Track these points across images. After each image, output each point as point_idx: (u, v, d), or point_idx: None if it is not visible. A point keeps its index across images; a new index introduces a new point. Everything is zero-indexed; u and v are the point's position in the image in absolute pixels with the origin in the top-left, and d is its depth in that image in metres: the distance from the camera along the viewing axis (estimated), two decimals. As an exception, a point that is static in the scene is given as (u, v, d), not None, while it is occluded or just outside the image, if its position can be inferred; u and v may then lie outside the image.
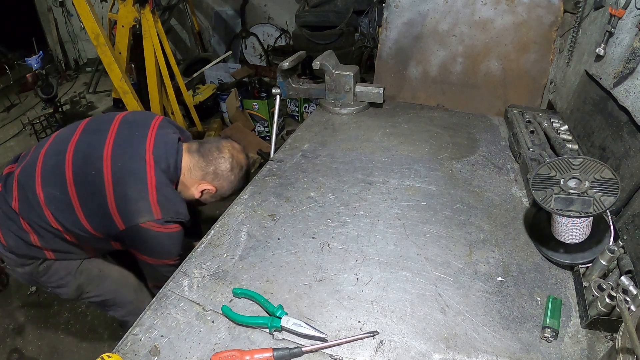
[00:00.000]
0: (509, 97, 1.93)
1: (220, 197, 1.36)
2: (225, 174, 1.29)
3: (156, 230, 1.15)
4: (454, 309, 0.92)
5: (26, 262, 1.27)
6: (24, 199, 1.17)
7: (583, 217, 0.93)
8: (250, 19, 5.23)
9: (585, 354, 0.82)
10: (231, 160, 1.29)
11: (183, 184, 1.28)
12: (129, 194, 1.14)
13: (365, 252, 1.09)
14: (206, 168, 1.27)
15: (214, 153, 1.28)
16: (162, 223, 1.15)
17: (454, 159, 1.51)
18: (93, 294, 1.43)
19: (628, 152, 1.11)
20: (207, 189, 1.29)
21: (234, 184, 1.32)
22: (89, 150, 1.18)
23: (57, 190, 1.15)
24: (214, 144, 1.30)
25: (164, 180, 1.18)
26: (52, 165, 1.18)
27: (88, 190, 1.14)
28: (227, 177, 1.30)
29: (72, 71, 5.89)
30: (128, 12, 2.89)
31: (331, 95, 1.94)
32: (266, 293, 0.96)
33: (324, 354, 0.83)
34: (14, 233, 1.20)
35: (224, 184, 1.31)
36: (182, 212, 1.21)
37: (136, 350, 0.84)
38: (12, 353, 1.99)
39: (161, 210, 1.15)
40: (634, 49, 1.12)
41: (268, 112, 3.81)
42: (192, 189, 1.29)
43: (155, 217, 1.14)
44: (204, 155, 1.27)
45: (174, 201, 1.20)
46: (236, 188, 1.34)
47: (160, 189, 1.17)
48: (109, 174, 1.14)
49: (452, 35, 1.96)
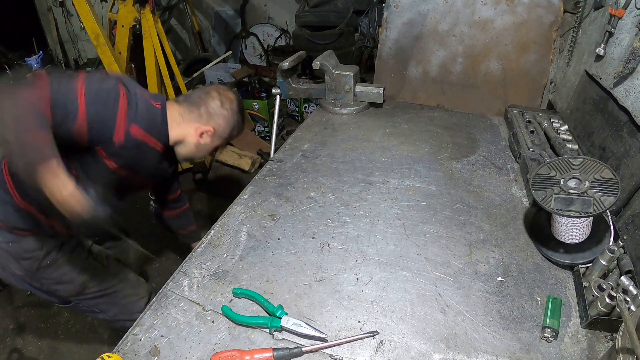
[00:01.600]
0: (509, 97, 1.93)
1: (222, 139, 1.34)
2: (218, 111, 1.28)
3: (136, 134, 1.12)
4: (454, 309, 0.92)
5: (23, 255, 1.24)
6: None
7: (583, 217, 0.93)
8: (250, 19, 5.22)
9: (585, 354, 0.82)
10: (219, 96, 1.29)
11: (179, 129, 1.25)
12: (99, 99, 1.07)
13: (365, 252, 1.09)
14: (197, 110, 1.27)
15: (201, 96, 1.29)
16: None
17: (454, 159, 1.51)
18: (95, 289, 1.42)
19: (628, 152, 1.11)
20: (204, 131, 1.27)
21: (229, 119, 1.31)
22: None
23: None
24: (199, 92, 1.32)
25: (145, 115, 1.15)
26: None
27: None
28: (220, 113, 1.29)
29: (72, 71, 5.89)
30: (128, 12, 2.88)
31: (331, 95, 1.94)
32: (266, 293, 0.96)
33: (324, 354, 0.83)
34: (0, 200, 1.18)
35: (220, 121, 1.29)
36: None
37: (136, 350, 0.84)
38: (12, 353, 1.99)
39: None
40: (634, 49, 1.12)
41: (268, 112, 3.81)
42: (189, 135, 1.27)
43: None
44: (192, 101, 1.28)
45: None
46: (234, 124, 1.33)
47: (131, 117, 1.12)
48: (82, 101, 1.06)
49: (452, 35, 1.96)
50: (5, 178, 1.18)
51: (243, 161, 3.41)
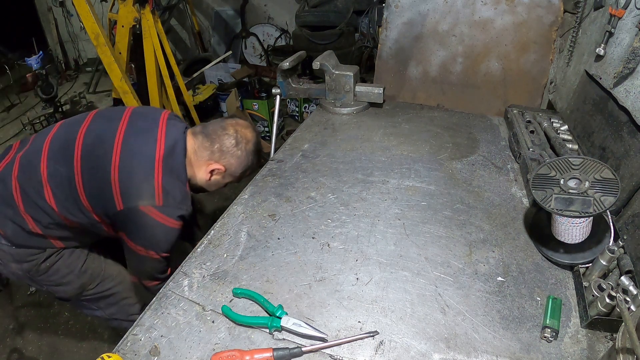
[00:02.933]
0: (509, 97, 1.93)
1: (234, 177, 1.34)
2: (232, 150, 1.27)
3: (154, 217, 1.13)
4: (454, 309, 0.92)
5: (25, 259, 1.25)
6: (25, 180, 1.17)
7: (583, 217, 0.93)
8: (250, 19, 5.22)
9: (585, 354, 0.82)
10: (235, 135, 1.27)
11: (192, 168, 1.27)
12: (134, 172, 1.13)
13: (365, 252, 1.09)
14: (211, 147, 1.25)
15: (217, 132, 1.27)
16: (161, 211, 1.13)
17: (454, 159, 1.51)
18: (93, 291, 1.42)
19: (628, 152, 1.11)
20: (215, 169, 1.27)
21: (242, 160, 1.30)
22: (101, 132, 1.19)
23: (62, 166, 1.16)
24: (217, 124, 1.29)
25: (172, 168, 1.18)
26: (60, 145, 1.19)
27: (93, 165, 1.14)
28: (234, 153, 1.27)
29: (72, 71, 5.89)
30: (128, 12, 2.89)
31: (331, 95, 1.94)
32: (266, 293, 0.96)
33: (324, 354, 0.83)
34: (10, 220, 1.19)
35: (232, 161, 1.28)
36: (184, 204, 1.19)
37: (136, 350, 0.84)
38: (12, 353, 1.99)
39: (164, 197, 1.14)
40: (634, 49, 1.12)
41: (268, 112, 3.81)
42: (201, 171, 1.28)
43: (156, 202, 1.12)
44: (208, 136, 1.26)
45: (179, 190, 1.18)
46: (247, 165, 1.32)
47: (167, 174, 1.15)
48: (118, 151, 1.14)
49: (452, 35, 1.96)
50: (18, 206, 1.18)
51: (243, 161, 3.40)
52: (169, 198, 1.15)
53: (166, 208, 1.14)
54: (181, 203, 1.19)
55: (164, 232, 1.17)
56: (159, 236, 1.18)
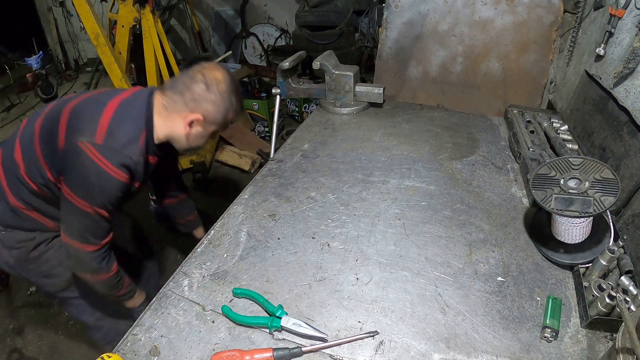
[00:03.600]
0: (509, 97, 1.93)
1: (217, 124, 1.22)
2: (204, 96, 1.15)
3: (90, 156, 1.03)
4: (454, 309, 0.92)
5: (14, 245, 1.24)
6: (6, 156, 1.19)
7: (583, 217, 0.93)
8: (250, 19, 5.22)
9: (585, 354, 0.82)
10: (204, 79, 1.15)
11: (165, 124, 1.18)
12: (83, 112, 1.09)
13: (365, 252, 1.09)
14: (182, 99, 1.15)
15: (185, 82, 1.17)
16: (100, 151, 1.03)
17: (454, 159, 1.51)
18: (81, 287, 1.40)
19: (628, 152, 1.11)
20: (193, 120, 1.16)
21: (218, 104, 1.17)
22: (61, 101, 1.19)
23: (31, 127, 1.16)
24: (184, 74, 1.19)
25: (128, 114, 1.11)
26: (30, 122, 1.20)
27: (50, 117, 1.15)
28: (207, 98, 1.15)
29: (72, 71, 5.88)
30: (128, 12, 2.88)
31: (331, 95, 1.94)
32: (266, 293, 0.96)
33: (324, 354, 0.83)
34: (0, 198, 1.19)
35: (208, 107, 1.16)
36: (129, 150, 1.07)
37: (136, 350, 0.84)
38: (12, 353, 1.99)
39: (106, 136, 1.04)
40: (634, 49, 1.12)
41: (268, 112, 3.81)
42: (177, 125, 1.17)
43: (96, 139, 1.03)
44: (176, 88, 1.17)
45: (128, 134, 1.08)
46: (226, 107, 1.19)
47: (118, 117, 1.07)
48: (76, 101, 1.13)
49: (452, 35, 1.96)
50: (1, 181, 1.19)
51: (243, 161, 3.41)
52: (112, 139, 1.05)
53: (106, 149, 1.04)
54: (125, 147, 1.07)
55: (99, 177, 1.05)
56: (93, 181, 1.05)
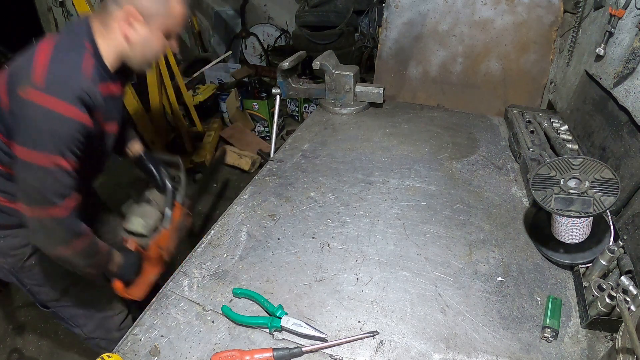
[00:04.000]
0: (509, 97, 1.93)
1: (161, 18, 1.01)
2: None
3: (34, 101, 0.88)
4: (454, 309, 0.92)
5: (8, 252, 1.22)
6: None
7: (583, 217, 0.93)
8: (250, 19, 5.22)
9: (585, 354, 0.82)
10: None
11: (110, 41, 1.02)
12: (16, 66, 0.96)
13: (365, 252, 1.09)
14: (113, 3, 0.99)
15: None
16: (45, 91, 0.88)
17: (454, 159, 1.51)
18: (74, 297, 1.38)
19: (628, 152, 1.11)
20: (127, 16, 0.98)
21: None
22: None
23: None
24: None
25: (66, 46, 0.96)
26: None
27: None
28: None
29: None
30: (128, 12, 2.88)
31: (331, 95, 1.95)
32: (266, 293, 0.96)
33: (324, 354, 0.83)
34: None
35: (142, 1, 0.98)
36: (75, 80, 0.93)
37: (136, 350, 0.84)
38: (12, 353, 1.99)
39: (46, 74, 0.89)
40: (634, 49, 1.12)
41: (268, 112, 3.80)
42: (115, 34, 1.01)
43: (37, 82, 0.88)
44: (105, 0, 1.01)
45: (72, 64, 0.94)
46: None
47: (56, 51, 0.93)
48: (6, 70, 0.99)
49: (452, 35, 1.96)
50: None
51: (243, 161, 3.41)
52: (52, 75, 0.91)
53: (48, 87, 0.89)
54: (70, 79, 0.93)
55: (48, 119, 0.90)
56: (42, 126, 0.90)
